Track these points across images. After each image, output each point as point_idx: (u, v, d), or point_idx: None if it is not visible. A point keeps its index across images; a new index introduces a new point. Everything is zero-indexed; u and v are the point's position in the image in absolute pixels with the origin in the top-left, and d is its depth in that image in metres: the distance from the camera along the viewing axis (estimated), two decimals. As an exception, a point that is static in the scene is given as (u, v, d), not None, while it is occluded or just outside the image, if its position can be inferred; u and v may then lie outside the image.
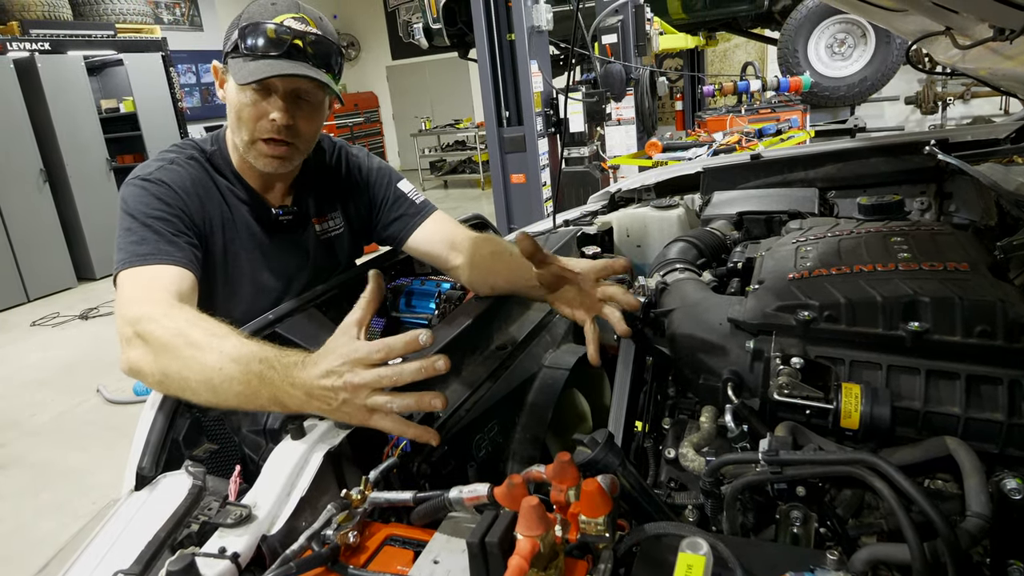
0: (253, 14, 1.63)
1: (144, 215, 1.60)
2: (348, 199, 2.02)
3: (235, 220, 1.79)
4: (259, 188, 1.85)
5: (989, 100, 10.96)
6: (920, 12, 1.64)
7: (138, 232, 1.57)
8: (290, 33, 1.60)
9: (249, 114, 1.66)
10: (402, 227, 1.98)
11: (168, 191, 1.67)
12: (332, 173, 2.00)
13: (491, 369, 1.53)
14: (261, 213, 1.84)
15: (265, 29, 1.59)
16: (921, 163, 2.43)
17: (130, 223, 1.60)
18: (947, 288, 1.22)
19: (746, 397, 1.34)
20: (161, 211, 1.63)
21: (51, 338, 7.60)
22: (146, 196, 1.64)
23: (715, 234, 2.20)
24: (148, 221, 1.59)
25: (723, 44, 13.37)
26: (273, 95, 1.65)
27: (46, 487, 4.45)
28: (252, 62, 1.60)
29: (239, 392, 1.19)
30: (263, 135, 1.68)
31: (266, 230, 1.85)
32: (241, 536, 1.02)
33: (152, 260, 1.53)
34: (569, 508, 0.91)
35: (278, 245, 1.87)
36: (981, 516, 0.93)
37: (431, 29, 9.20)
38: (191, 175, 1.74)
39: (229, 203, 1.79)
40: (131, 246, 1.55)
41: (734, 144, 5.97)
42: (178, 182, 1.70)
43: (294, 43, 1.60)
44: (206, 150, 1.82)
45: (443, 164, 16.19)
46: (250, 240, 1.82)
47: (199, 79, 13.65)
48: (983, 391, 1.16)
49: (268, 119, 1.65)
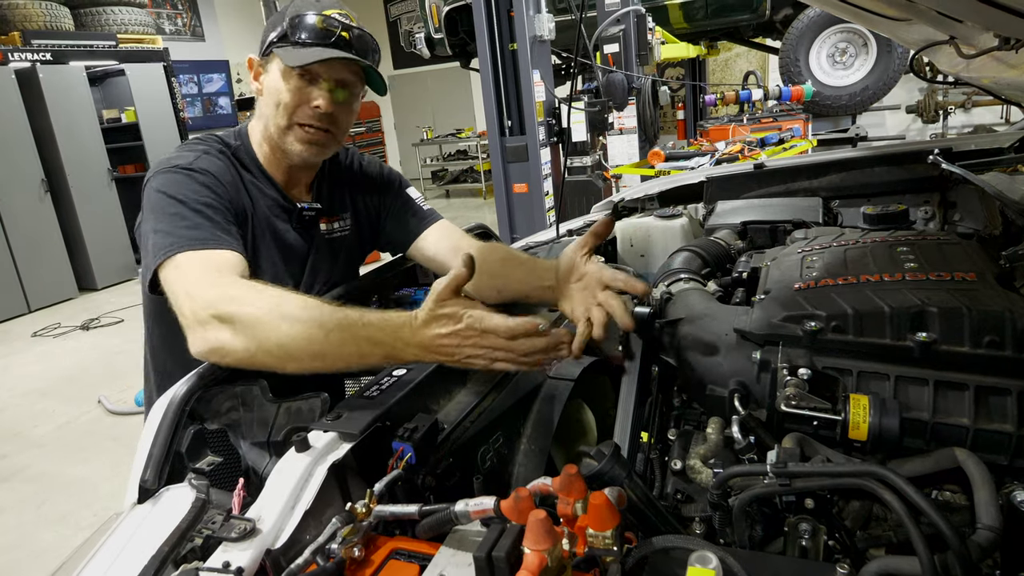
0: (300, 8, 1.68)
1: (194, 201, 1.59)
2: (359, 202, 2.04)
3: (258, 215, 1.80)
4: (283, 184, 1.87)
5: (990, 109, 10.99)
6: (924, 22, 1.64)
7: (190, 218, 1.56)
8: (338, 25, 1.67)
9: (291, 99, 1.71)
10: (408, 232, 2.00)
11: (214, 181, 1.67)
12: (346, 175, 2.02)
13: (496, 380, 1.52)
14: (285, 209, 1.86)
15: (314, 19, 1.66)
16: (925, 172, 2.42)
17: (178, 208, 1.57)
18: (955, 298, 1.21)
19: (753, 408, 1.33)
20: (210, 199, 1.63)
21: (52, 348, 7.61)
22: (192, 183, 1.63)
23: (719, 244, 2.19)
24: (199, 207, 1.58)
25: (725, 53, 13.39)
26: (318, 82, 1.70)
27: (47, 498, 4.44)
28: (303, 49, 1.66)
29: (351, 353, 1.30)
30: (302, 120, 1.73)
31: (287, 227, 1.87)
32: (245, 550, 1.00)
33: (212, 244, 1.52)
34: (576, 521, 0.90)
35: (296, 242, 1.88)
36: (992, 528, 0.92)
37: (433, 39, 9.25)
38: (224, 167, 1.75)
39: (253, 198, 1.80)
40: (184, 230, 1.53)
41: (737, 153, 5.97)
42: (219, 173, 1.71)
43: (341, 34, 1.67)
44: (231, 144, 1.82)
45: (445, 173, 16.23)
46: (271, 236, 1.83)
47: (201, 89, 13.68)
48: (992, 402, 1.15)
49: (310, 105, 1.71)
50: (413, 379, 1.34)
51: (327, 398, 1.40)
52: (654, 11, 7.82)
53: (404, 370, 1.38)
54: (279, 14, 1.72)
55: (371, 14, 16.84)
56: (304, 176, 1.91)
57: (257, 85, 1.78)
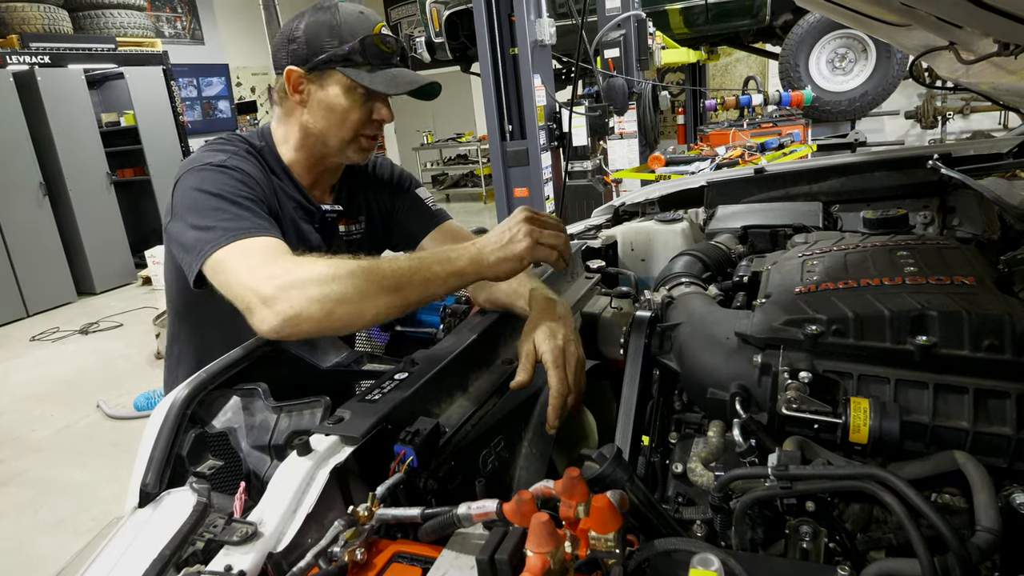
0: (353, 25, 1.71)
1: (233, 194, 1.59)
2: (374, 202, 2.05)
3: (284, 216, 1.80)
4: (308, 186, 1.89)
5: (988, 115, 11.00)
6: (924, 27, 1.65)
7: (230, 210, 1.56)
8: (394, 42, 1.74)
9: (358, 117, 1.77)
10: (416, 232, 2.02)
11: (249, 179, 1.68)
12: (362, 176, 2.04)
13: (497, 383, 1.52)
14: (308, 211, 1.87)
15: (375, 41, 1.71)
16: (924, 177, 2.43)
17: (217, 203, 1.57)
18: (955, 302, 1.22)
19: (754, 411, 1.33)
20: (248, 193, 1.63)
21: (51, 353, 7.60)
22: (230, 180, 1.63)
23: (720, 248, 2.19)
24: (238, 199, 1.59)
25: (725, 58, 13.41)
26: (377, 98, 1.77)
27: (46, 503, 4.43)
28: (378, 72, 1.72)
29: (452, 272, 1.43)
30: (367, 133, 1.81)
31: (311, 229, 1.88)
32: (247, 554, 1.00)
33: (256, 232, 1.52)
34: (579, 524, 0.90)
35: (316, 244, 1.89)
36: (991, 531, 0.93)
37: (434, 43, 9.27)
38: (255, 167, 1.76)
39: (280, 200, 1.80)
40: (227, 222, 1.53)
41: (737, 158, 5.98)
42: (252, 172, 1.71)
43: (399, 50, 1.77)
44: (256, 145, 1.82)
45: (445, 178, 16.24)
46: (296, 237, 1.83)
47: (200, 93, 13.70)
48: (991, 405, 1.15)
49: (374, 120, 1.79)
50: (414, 383, 1.34)
51: (329, 402, 1.40)
52: (655, 16, 7.82)
53: (405, 374, 1.38)
54: (318, 26, 1.70)
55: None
56: (330, 179, 1.95)
57: (298, 96, 1.76)
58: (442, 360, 1.44)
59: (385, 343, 2.22)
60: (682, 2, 8.85)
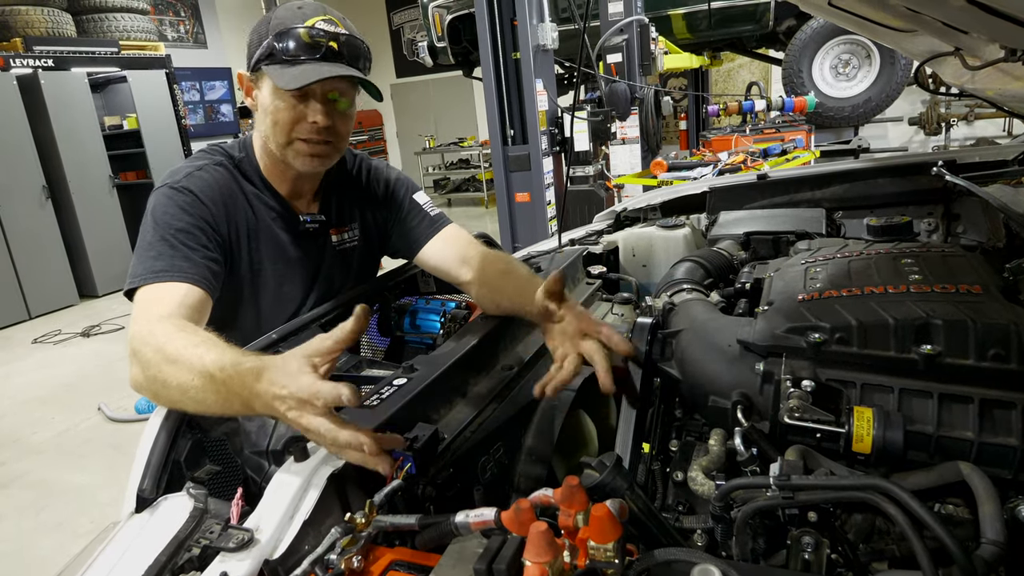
0: (283, 20, 1.64)
1: (165, 226, 1.62)
2: (367, 210, 2.03)
3: (260, 228, 1.80)
4: (287, 195, 1.86)
5: (992, 121, 11.00)
6: (930, 33, 1.64)
7: (156, 247, 1.59)
8: (325, 36, 1.63)
9: (287, 118, 1.68)
10: (415, 239, 1.99)
11: (193, 200, 1.67)
12: (353, 184, 2.02)
13: (497, 390, 1.51)
14: (288, 221, 1.85)
15: (299, 33, 1.61)
16: (929, 184, 2.42)
17: (151, 236, 1.61)
18: (960, 311, 1.21)
19: (756, 420, 1.32)
20: (183, 222, 1.63)
21: (52, 355, 7.60)
22: (171, 206, 1.65)
23: (722, 254, 2.19)
24: (166, 234, 1.60)
25: (727, 64, 13.42)
26: (311, 98, 1.67)
27: (46, 506, 4.43)
28: (292, 67, 1.62)
29: (215, 401, 1.21)
30: (302, 136, 1.71)
31: (291, 239, 1.86)
32: (243, 561, 1.00)
33: (164, 277, 1.54)
34: (578, 533, 0.89)
35: (300, 255, 1.88)
36: (996, 543, 0.92)
37: (436, 47, 9.29)
38: (218, 182, 1.75)
39: (256, 210, 1.80)
40: (148, 261, 1.57)
41: (739, 164, 5.97)
42: (205, 190, 1.71)
43: (329, 45, 1.63)
44: (234, 156, 1.82)
45: (447, 182, 16.25)
46: (275, 249, 1.82)
47: (203, 96, 13.71)
48: (997, 415, 1.14)
49: (308, 122, 1.68)
50: (413, 389, 1.33)
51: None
52: (657, 21, 7.83)
53: (404, 379, 1.37)
54: (262, 25, 1.69)
55: (374, 22, 16.86)
56: (308, 186, 1.90)
57: (251, 100, 1.76)
58: (442, 366, 1.44)
59: (385, 347, 2.21)
60: (685, 7, 8.86)
